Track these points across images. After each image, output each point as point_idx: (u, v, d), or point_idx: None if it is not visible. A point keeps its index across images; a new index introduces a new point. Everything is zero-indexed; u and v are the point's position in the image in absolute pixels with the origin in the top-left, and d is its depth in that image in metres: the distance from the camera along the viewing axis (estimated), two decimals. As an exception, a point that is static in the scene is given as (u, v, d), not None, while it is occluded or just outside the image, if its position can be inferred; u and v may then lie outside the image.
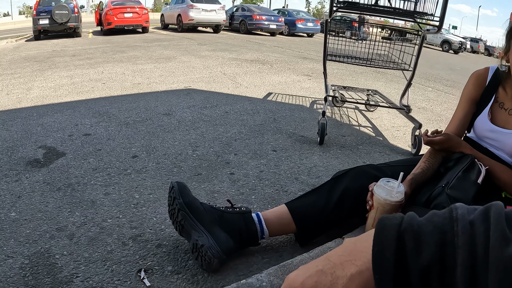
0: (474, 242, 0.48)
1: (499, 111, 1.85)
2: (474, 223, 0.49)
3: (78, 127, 3.77)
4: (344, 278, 0.55)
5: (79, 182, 2.63)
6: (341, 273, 0.56)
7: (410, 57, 4.08)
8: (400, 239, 0.52)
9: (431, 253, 0.50)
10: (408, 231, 0.52)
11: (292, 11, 24.71)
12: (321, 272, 0.57)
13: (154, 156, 3.12)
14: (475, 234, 0.48)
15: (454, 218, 0.51)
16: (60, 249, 1.89)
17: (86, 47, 11.47)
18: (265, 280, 1.48)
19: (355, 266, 0.55)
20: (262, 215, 1.89)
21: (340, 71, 8.23)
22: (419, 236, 0.52)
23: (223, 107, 4.77)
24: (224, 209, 1.84)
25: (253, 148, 3.41)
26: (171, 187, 1.83)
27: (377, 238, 0.54)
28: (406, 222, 0.54)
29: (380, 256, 0.52)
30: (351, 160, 3.30)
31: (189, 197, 1.81)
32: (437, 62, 14.77)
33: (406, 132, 4.25)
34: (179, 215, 1.77)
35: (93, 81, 6.14)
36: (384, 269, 0.52)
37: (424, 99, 6.16)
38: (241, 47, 12.48)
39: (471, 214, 0.51)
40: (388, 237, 0.53)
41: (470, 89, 1.97)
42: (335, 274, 0.56)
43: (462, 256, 0.48)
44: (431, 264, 0.49)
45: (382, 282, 0.52)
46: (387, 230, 0.54)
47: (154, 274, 1.74)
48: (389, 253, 0.52)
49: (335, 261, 0.58)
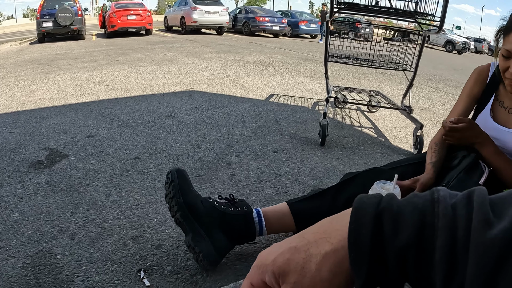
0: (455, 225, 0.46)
1: (499, 109, 1.85)
2: (456, 206, 0.48)
3: (81, 129, 3.79)
4: (318, 255, 0.52)
5: (81, 183, 2.66)
6: (315, 250, 0.53)
7: (412, 57, 4.09)
8: (377, 218, 0.50)
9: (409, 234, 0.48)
10: (387, 211, 0.51)
11: (295, 13, 24.73)
12: (294, 249, 0.54)
13: (155, 158, 3.15)
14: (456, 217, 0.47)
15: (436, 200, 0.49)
16: (62, 249, 1.91)
17: (89, 49, 11.51)
18: (263, 279, 1.48)
19: (330, 244, 0.53)
20: (263, 214, 1.87)
21: (342, 72, 8.23)
22: (398, 216, 0.50)
23: (225, 108, 4.79)
24: (225, 208, 1.81)
25: (254, 150, 3.42)
26: (171, 181, 1.78)
27: (354, 216, 0.52)
28: (385, 202, 0.52)
29: (356, 235, 0.50)
30: (352, 161, 3.31)
31: (190, 195, 1.77)
32: (440, 62, 14.76)
33: (408, 133, 4.25)
34: (178, 214, 1.74)
35: (96, 84, 6.17)
36: (359, 248, 0.50)
37: (427, 100, 6.16)
38: (244, 48, 12.50)
39: (453, 198, 0.49)
40: (365, 216, 0.51)
41: (471, 84, 1.99)
42: (308, 251, 0.53)
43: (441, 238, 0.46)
44: (409, 245, 0.48)
45: (357, 262, 0.50)
46: (364, 208, 0.52)
47: (154, 274, 1.76)
48: (365, 231, 0.50)
49: (309, 238, 0.55)
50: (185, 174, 1.83)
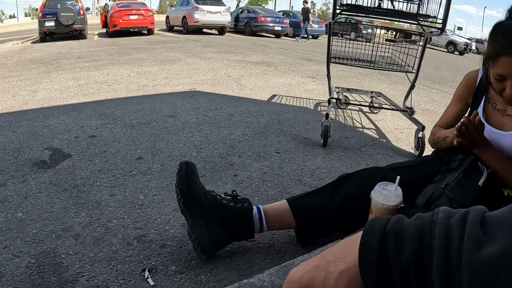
0: (449, 246, 0.51)
1: (492, 111, 1.85)
2: (452, 227, 0.53)
3: (84, 129, 3.80)
4: (335, 273, 0.61)
5: (84, 183, 2.67)
6: (333, 269, 0.62)
7: (414, 59, 4.09)
8: (383, 239, 0.58)
9: (410, 253, 0.55)
10: (391, 233, 0.58)
11: (297, 13, 24.68)
12: (316, 268, 0.64)
13: (159, 158, 3.16)
14: (451, 238, 0.52)
15: (434, 222, 0.55)
16: (66, 248, 1.92)
17: (91, 49, 11.52)
18: (267, 280, 1.49)
19: (345, 263, 0.61)
20: (263, 211, 1.90)
21: (344, 73, 8.23)
22: (401, 237, 0.57)
23: (227, 109, 4.80)
24: (226, 203, 1.85)
25: (257, 150, 3.43)
26: (179, 171, 1.85)
27: (363, 238, 0.60)
28: (390, 225, 0.59)
29: (365, 255, 0.58)
30: (354, 162, 3.32)
31: (194, 185, 1.83)
32: (442, 63, 14.75)
33: (410, 134, 4.26)
34: (181, 202, 1.81)
35: (99, 83, 6.18)
36: (368, 266, 0.58)
37: (429, 101, 6.17)
38: (246, 49, 12.50)
39: (452, 217, 0.55)
40: (373, 238, 0.59)
41: (460, 90, 2.05)
42: (328, 270, 0.62)
43: (437, 258, 0.52)
44: (410, 263, 0.54)
45: (367, 278, 0.57)
46: (372, 231, 0.59)
47: (158, 273, 1.77)
48: (372, 252, 0.57)
49: (329, 258, 0.64)
50: (193, 166, 1.90)
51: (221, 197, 1.88)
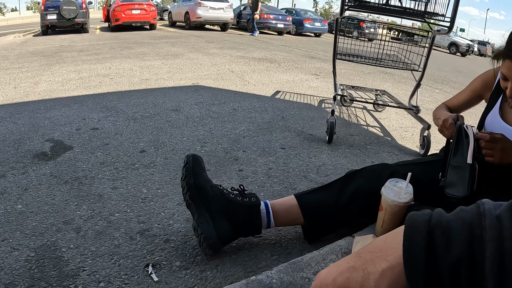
0: (502, 237, 0.48)
1: (509, 110, 1.85)
2: (502, 218, 0.49)
3: (86, 121, 3.76)
4: (376, 273, 0.56)
5: (86, 175, 2.62)
6: (372, 268, 0.57)
7: (420, 57, 4.06)
8: (430, 235, 0.53)
9: (460, 248, 0.50)
10: (438, 227, 0.53)
11: (299, 11, 24.69)
12: (352, 268, 0.58)
13: (162, 151, 3.11)
14: (503, 229, 0.48)
15: (482, 213, 0.51)
16: (67, 242, 1.88)
17: (93, 42, 11.48)
18: (275, 277, 1.45)
19: (387, 262, 0.56)
20: (271, 206, 1.87)
21: (347, 71, 8.20)
22: (449, 232, 0.52)
23: (231, 104, 4.76)
24: (233, 197, 1.82)
25: (262, 146, 3.39)
26: (185, 163, 1.82)
27: (407, 234, 0.55)
28: (435, 218, 0.54)
29: (411, 252, 0.53)
30: (359, 159, 3.28)
31: (200, 178, 1.80)
32: (444, 64, 14.73)
33: (415, 133, 4.23)
34: (187, 195, 1.78)
35: (101, 76, 6.14)
36: (415, 264, 0.53)
37: (432, 101, 6.14)
38: (249, 45, 12.47)
39: (497, 209, 0.51)
40: (418, 233, 0.54)
41: (477, 83, 2.08)
42: (366, 270, 0.57)
43: (490, 250, 0.48)
44: (461, 259, 0.50)
45: (414, 277, 0.53)
46: (417, 226, 0.54)
47: (162, 269, 1.72)
48: (419, 248, 0.53)
49: (366, 257, 0.59)
50: (200, 159, 1.87)
51: (228, 191, 1.85)
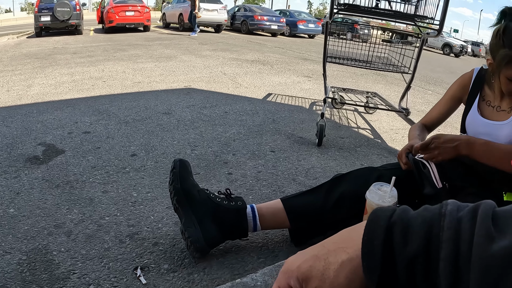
0: (459, 238, 0.49)
1: (487, 108, 1.93)
2: (462, 220, 0.51)
3: (78, 125, 3.78)
4: (335, 264, 0.58)
5: (77, 179, 2.65)
6: (333, 259, 0.59)
7: (410, 60, 4.09)
8: (388, 230, 0.55)
9: (417, 245, 0.52)
10: (398, 223, 0.55)
11: (293, 12, 24.72)
12: (315, 257, 0.60)
13: (153, 155, 3.14)
14: (460, 231, 0.50)
15: (443, 213, 0.52)
16: (58, 245, 1.91)
17: (87, 44, 11.48)
18: (260, 279, 1.48)
19: (346, 254, 0.58)
20: (257, 210, 1.90)
21: (340, 72, 8.23)
22: (407, 229, 0.54)
23: (222, 107, 4.79)
24: (220, 201, 1.85)
25: (252, 149, 3.42)
26: (173, 168, 1.85)
27: (367, 228, 0.57)
28: (397, 215, 0.56)
29: (368, 245, 0.55)
30: (349, 162, 3.32)
31: (188, 183, 1.83)
32: (438, 65, 14.77)
33: (405, 135, 4.26)
34: (175, 199, 1.81)
35: (94, 79, 6.15)
36: (371, 257, 0.55)
37: (424, 102, 6.17)
38: (242, 47, 12.49)
39: (461, 211, 0.52)
40: (378, 228, 0.56)
41: (454, 88, 2.12)
42: (328, 260, 0.59)
43: (445, 251, 0.49)
44: (417, 256, 0.52)
45: (370, 269, 0.55)
46: (378, 221, 0.56)
47: (150, 272, 1.75)
48: (377, 242, 0.54)
49: (329, 247, 0.61)
50: (187, 164, 1.90)
51: (214, 195, 1.88)
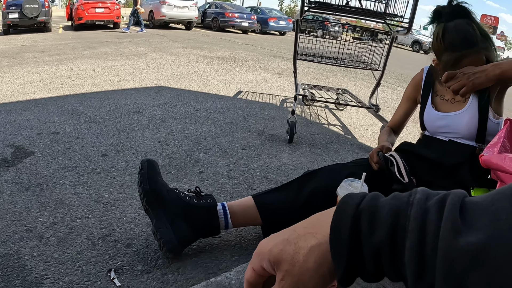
0: (425, 230, 0.49)
1: (441, 102, 2.02)
2: (428, 211, 0.50)
3: (47, 125, 3.73)
4: (305, 248, 0.58)
5: (48, 181, 2.62)
6: (303, 244, 0.59)
7: (380, 57, 4.14)
8: (356, 217, 0.55)
9: (383, 234, 0.52)
10: (365, 211, 0.55)
11: (264, 9, 24.71)
12: (286, 241, 0.61)
13: (123, 155, 3.12)
14: (426, 222, 0.49)
15: (410, 202, 0.52)
16: (30, 250, 1.89)
17: (56, 42, 11.31)
18: (234, 278, 1.50)
19: (316, 239, 0.59)
20: (228, 207, 1.91)
21: (311, 69, 8.28)
22: (374, 217, 0.54)
23: (193, 105, 4.78)
24: (189, 200, 1.86)
25: (223, 147, 3.43)
26: (140, 169, 1.85)
27: (336, 215, 0.57)
28: (365, 202, 0.57)
29: (336, 232, 0.56)
30: (320, 159, 3.35)
31: (156, 183, 1.82)
32: (408, 62, 14.94)
33: (375, 131, 4.31)
34: (144, 200, 1.81)
35: (63, 78, 6.07)
36: (339, 243, 0.55)
37: (394, 98, 6.25)
38: (213, 44, 12.47)
39: (430, 200, 0.52)
40: (345, 215, 0.56)
41: (409, 90, 2.23)
42: (298, 244, 0.59)
43: (410, 241, 0.49)
44: (383, 244, 0.52)
45: (337, 255, 0.55)
46: (346, 208, 0.57)
47: (124, 274, 1.75)
48: (344, 230, 0.55)
49: (299, 232, 0.62)
50: (155, 164, 1.89)
51: (184, 194, 1.89)
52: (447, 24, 1.81)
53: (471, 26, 1.77)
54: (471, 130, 1.91)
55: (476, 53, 1.74)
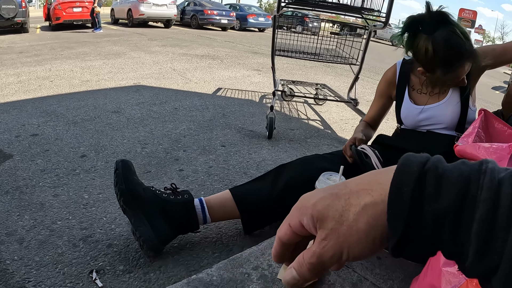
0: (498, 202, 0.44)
1: (420, 96, 2.05)
2: (503, 182, 0.45)
3: (25, 127, 3.71)
4: (357, 206, 0.52)
5: (27, 184, 2.61)
6: (355, 201, 0.52)
7: (358, 51, 4.18)
8: (420, 178, 0.49)
9: (451, 199, 0.47)
10: (432, 172, 0.49)
11: (243, 6, 24.70)
12: (335, 196, 0.54)
13: (103, 155, 3.12)
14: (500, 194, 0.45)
15: (483, 171, 0.47)
16: (11, 254, 1.88)
17: (33, 43, 11.19)
18: (215, 274, 1.51)
19: (371, 196, 0.52)
20: (206, 202, 1.93)
21: (290, 65, 8.31)
22: (442, 180, 0.48)
23: (172, 103, 4.78)
24: (166, 197, 1.87)
25: (202, 144, 3.44)
26: (115, 169, 1.85)
27: (397, 173, 0.51)
28: (431, 163, 0.51)
29: (397, 191, 0.49)
30: (299, 153, 3.38)
31: (132, 182, 1.83)
32: (387, 56, 15.01)
33: (354, 125, 4.35)
34: (121, 200, 1.81)
35: (41, 79, 6.02)
36: (399, 205, 0.49)
37: (373, 92, 6.20)
38: (192, 42, 12.45)
39: (502, 172, 0.47)
40: (409, 173, 0.50)
41: (381, 86, 2.26)
42: (349, 200, 0.53)
43: (481, 212, 0.44)
44: (449, 211, 0.47)
45: (394, 218, 0.49)
46: (410, 166, 0.51)
47: (106, 274, 1.76)
48: (406, 190, 0.49)
49: (352, 188, 0.54)
50: (130, 164, 1.90)
51: (161, 191, 1.90)
52: (434, 38, 1.79)
53: (457, 35, 1.78)
54: (454, 120, 1.96)
55: (467, 60, 1.78)
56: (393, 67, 2.18)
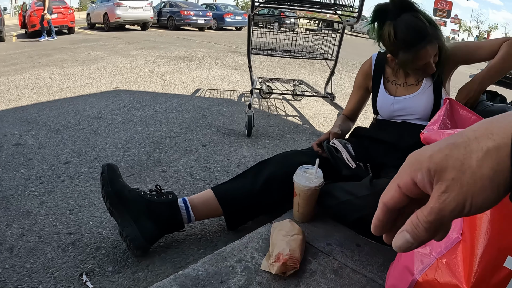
0: None
1: (394, 87, 2.13)
2: None
3: (7, 138, 3.73)
4: (479, 151, 0.47)
5: (13, 194, 2.64)
6: (476, 147, 0.48)
7: (333, 46, 4.25)
8: None
9: None
10: None
11: (220, 5, 24.65)
12: (453, 145, 0.50)
13: (86, 161, 3.16)
14: None
15: None
16: (1, 262, 1.92)
17: (10, 52, 11.10)
18: (201, 269, 1.58)
19: (492, 141, 0.47)
20: (189, 201, 1.99)
21: (267, 63, 8.37)
22: None
23: (152, 106, 4.83)
24: (151, 197, 1.92)
25: (183, 145, 3.50)
26: (101, 173, 1.90)
27: None
28: None
29: None
30: (279, 149, 3.44)
31: (118, 184, 1.88)
32: (364, 49, 15.09)
33: (332, 119, 4.44)
34: (108, 202, 1.87)
35: (20, 88, 6.00)
36: None
37: (351, 86, 6.30)
38: (170, 44, 12.45)
39: None
40: None
41: (358, 79, 2.33)
42: (469, 147, 0.48)
43: None
44: None
45: None
46: None
47: (96, 276, 1.81)
48: None
49: (469, 135, 0.50)
50: (115, 167, 1.95)
51: (145, 192, 1.95)
52: (396, 22, 1.89)
53: (418, 18, 1.87)
54: (427, 110, 2.04)
55: (429, 43, 1.86)
56: (369, 60, 2.26)
